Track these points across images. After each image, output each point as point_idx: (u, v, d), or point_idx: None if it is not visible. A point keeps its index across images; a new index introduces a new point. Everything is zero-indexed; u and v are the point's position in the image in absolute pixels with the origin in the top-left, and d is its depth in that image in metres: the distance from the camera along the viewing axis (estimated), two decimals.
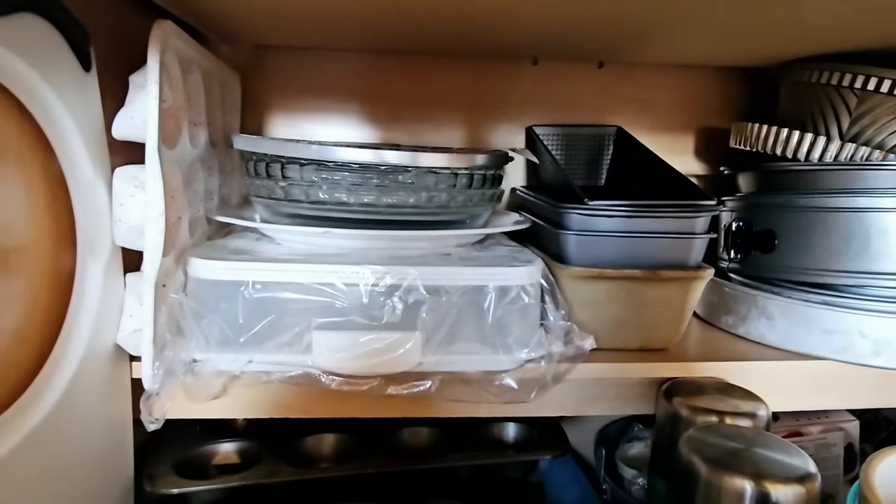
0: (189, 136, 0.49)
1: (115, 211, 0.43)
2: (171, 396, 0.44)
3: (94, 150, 0.42)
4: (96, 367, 0.43)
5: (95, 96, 0.42)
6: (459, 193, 0.51)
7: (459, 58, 0.73)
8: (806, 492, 0.40)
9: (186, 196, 0.48)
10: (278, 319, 0.44)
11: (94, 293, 0.42)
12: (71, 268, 0.41)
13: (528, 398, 0.47)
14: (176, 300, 0.43)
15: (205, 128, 0.54)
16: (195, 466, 0.52)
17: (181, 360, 0.43)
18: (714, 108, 0.77)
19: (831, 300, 0.55)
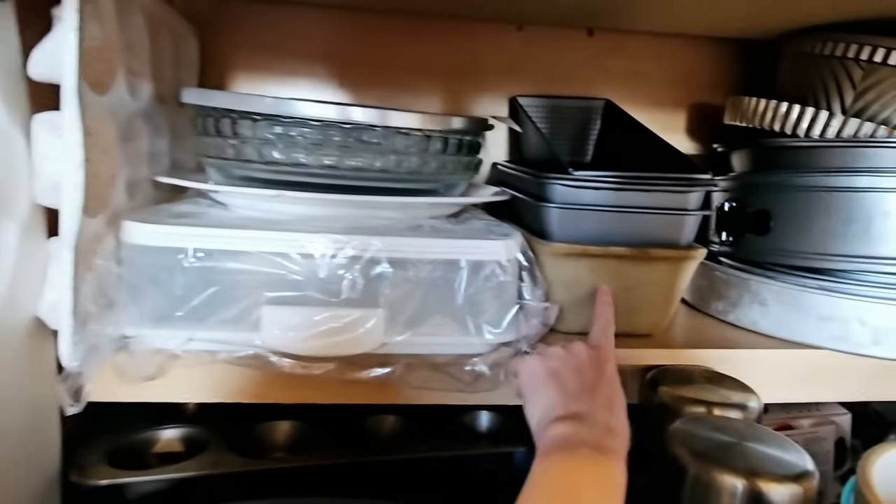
0: (128, 87, 0.44)
1: (34, 164, 0.37)
2: (98, 377, 0.38)
3: (9, 91, 0.36)
4: (12, 342, 0.37)
5: (11, 31, 0.37)
6: (432, 159, 0.46)
7: (440, 20, 0.68)
8: (803, 491, 0.37)
9: (123, 152, 0.43)
10: (223, 292, 0.39)
11: (7, 258, 0.36)
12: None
13: (500, 385, 0.43)
14: (104, 267, 0.37)
15: (149, 80, 0.48)
16: (133, 455, 0.47)
17: (108, 335, 0.37)
18: (708, 82, 0.73)
19: (829, 285, 0.52)
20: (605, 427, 0.36)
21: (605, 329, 0.44)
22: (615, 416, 0.37)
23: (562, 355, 0.41)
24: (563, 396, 0.38)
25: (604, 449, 0.34)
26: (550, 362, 0.41)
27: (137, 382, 0.40)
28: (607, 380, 0.40)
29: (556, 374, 0.40)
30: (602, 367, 0.40)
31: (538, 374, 0.40)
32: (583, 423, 0.36)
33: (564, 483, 0.32)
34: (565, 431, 0.35)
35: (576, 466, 0.33)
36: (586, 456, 0.33)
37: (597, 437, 0.35)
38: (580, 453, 0.34)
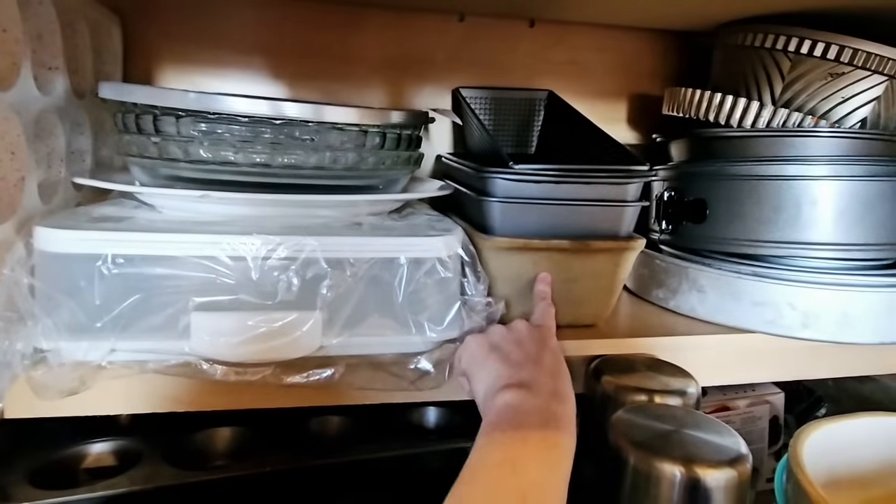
0: (35, 80, 0.40)
1: None
2: (11, 394, 0.36)
3: None
4: None
5: None
6: (370, 154, 0.45)
7: (381, 10, 0.66)
8: (737, 474, 0.38)
9: (34, 152, 0.40)
10: (146, 300, 0.37)
11: None
12: None
13: (443, 381, 0.43)
14: (11, 277, 0.35)
15: (64, 74, 0.45)
16: (59, 473, 0.44)
17: (18, 350, 0.35)
18: (648, 73, 0.74)
19: (762, 271, 0.53)
20: (551, 393, 0.36)
21: (545, 310, 0.44)
22: (562, 383, 0.37)
23: (502, 331, 0.41)
24: (507, 367, 0.38)
25: (552, 415, 0.34)
26: (491, 338, 0.40)
27: (57, 398, 0.37)
28: (551, 351, 0.40)
29: (497, 348, 0.39)
30: (545, 342, 0.40)
31: (479, 350, 0.40)
32: (529, 391, 0.35)
33: (509, 460, 0.31)
34: (512, 399, 0.34)
35: (522, 441, 0.32)
36: (534, 426, 0.33)
37: (545, 402, 0.34)
38: (528, 423, 0.33)
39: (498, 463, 0.31)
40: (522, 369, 0.37)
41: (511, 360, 0.38)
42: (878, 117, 0.56)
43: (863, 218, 0.52)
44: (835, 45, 0.54)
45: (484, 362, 0.39)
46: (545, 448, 0.32)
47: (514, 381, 0.36)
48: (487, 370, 0.38)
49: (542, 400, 0.35)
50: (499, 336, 0.41)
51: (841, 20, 0.55)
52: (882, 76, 0.54)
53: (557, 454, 0.33)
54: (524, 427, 0.33)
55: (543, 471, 0.31)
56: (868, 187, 0.52)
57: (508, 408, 0.34)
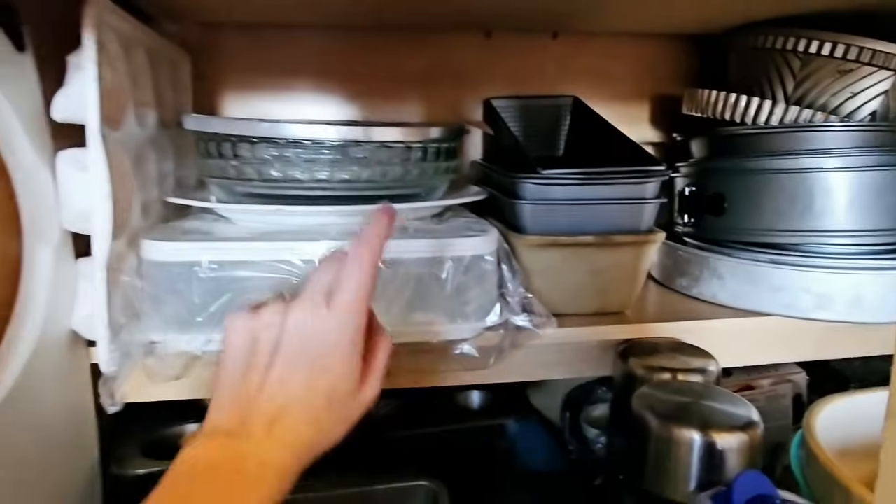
0: (136, 118, 0.48)
1: (60, 195, 0.42)
2: (130, 379, 0.44)
3: (35, 133, 0.41)
4: (52, 352, 0.42)
5: (32, 78, 0.41)
6: (414, 167, 0.51)
7: (414, 32, 0.73)
8: (749, 438, 0.42)
9: (137, 178, 0.47)
10: (235, 298, 0.44)
11: (44, 278, 0.42)
12: (17, 254, 0.40)
13: (487, 364, 0.49)
14: (128, 283, 0.42)
15: (154, 109, 0.53)
16: (163, 447, 0.52)
17: (138, 342, 0.43)
18: (668, 76, 0.78)
19: (778, 258, 0.57)
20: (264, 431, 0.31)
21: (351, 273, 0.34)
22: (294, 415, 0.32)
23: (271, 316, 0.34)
24: (226, 396, 0.33)
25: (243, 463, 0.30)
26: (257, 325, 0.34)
27: (165, 382, 0.45)
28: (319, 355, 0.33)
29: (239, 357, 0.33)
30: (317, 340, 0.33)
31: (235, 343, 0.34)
32: (226, 440, 0.31)
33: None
34: (199, 452, 0.31)
35: None
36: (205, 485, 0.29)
37: (239, 451, 0.31)
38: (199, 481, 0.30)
39: None
40: (243, 397, 0.32)
41: (242, 376, 0.33)
42: (886, 110, 0.59)
43: (874, 205, 0.56)
44: (842, 44, 0.58)
45: (221, 367, 0.34)
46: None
47: (216, 424, 0.32)
48: (217, 384, 0.34)
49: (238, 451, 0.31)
50: (264, 325, 0.34)
51: (847, 20, 0.58)
52: (889, 71, 0.58)
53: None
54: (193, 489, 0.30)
55: None
56: (878, 176, 0.56)
57: (186, 463, 0.31)
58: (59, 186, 0.42)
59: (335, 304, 0.34)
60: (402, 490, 0.49)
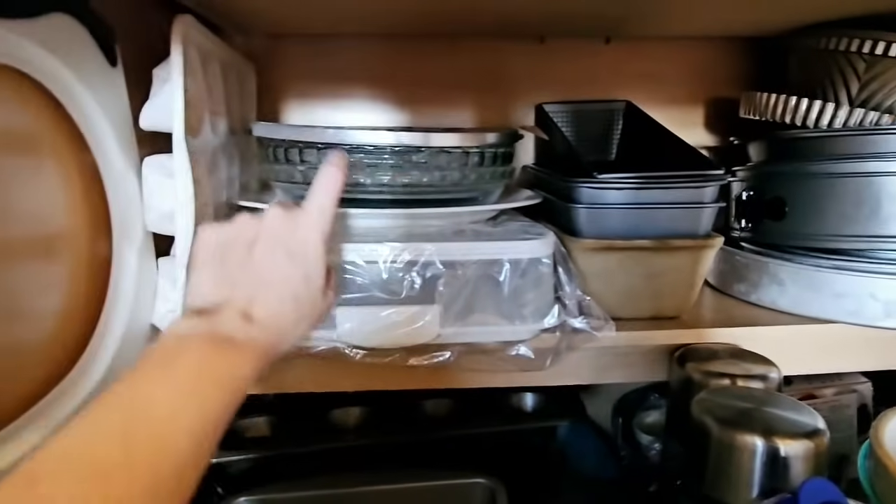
0: (210, 126, 0.51)
1: (145, 199, 0.45)
2: None
3: (124, 141, 0.44)
4: (135, 346, 0.45)
5: (122, 90, 0.45)
6: (471, 171, 0.53)
7: (468, 39, 0.74)
8: (815, 446, 0.41)
9: (210, 183, 0.50)
10: None
11: (130, 277, 0.45)
12: (107, 253, 0.44)
13: (544, 366, 0.49)
14: None
15: (224, 117, 0.56)
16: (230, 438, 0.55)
17: None
18: (722, 79, 0.77)
19: (842, 264, 0.56)
20: (241, 315, 0.32)
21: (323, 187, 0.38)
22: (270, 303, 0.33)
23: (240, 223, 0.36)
24: (207, 282, 0.34)
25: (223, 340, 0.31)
26: (224, 235, 0.36)
27: None
28: (287, 254, 0.35)
29: (216, 253, 0.35)
30: (287, 239, 0.35)
31: (204, 247, 0.36)
32: (208, 317, 0.32)
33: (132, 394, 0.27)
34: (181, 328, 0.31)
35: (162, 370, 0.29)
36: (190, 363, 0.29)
37: (219, 328, 0.31)
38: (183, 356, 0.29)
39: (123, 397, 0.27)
40: (223, 284, 0.33)
41: (220, 267, 0.34)
42: None
43: None
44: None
45: (199, 267, 0.35)
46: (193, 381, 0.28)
47: (198, 305, 0.33)
48: (195, 276, 0.35)
49: (218, 328, 0.31)
50: (234, 230, 0.36)
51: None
52: None
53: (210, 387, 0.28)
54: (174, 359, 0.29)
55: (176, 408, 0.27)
56: None
57: (171, 336, 0.31)
58: (145, 190, 0.45)
59: (306, 206, 0.37)
60: (459, 487, 0.51)
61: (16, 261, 0.35)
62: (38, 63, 0.36)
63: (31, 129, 0.37)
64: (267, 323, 0.33)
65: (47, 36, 0.36)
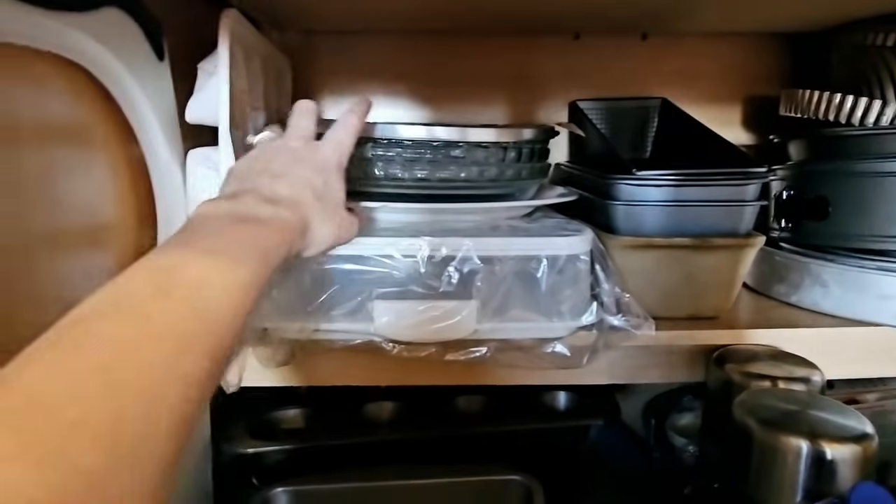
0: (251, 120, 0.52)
1: (189, 191, 0.46)
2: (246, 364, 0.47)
3: (170, 134, 0.45)
4: None
5: (168, 84, 0.45)
6: (509, 167, 0.52)
7: (502, 36, 0.74)
8: (863, 450, 0.40)
9: None
10: (342, 289, 0.47)
11: None
12: (153, 244, 0.44)
13: (580, 364, 0.49)
14: None
15: (263, 112, 0.57)
16: (266, 429, 0.56)
17: (253, 328, 0.46)
18: (761, 76, 0.76)
19: (888, 266, 0.54)
20: (265, 199, 0.33)
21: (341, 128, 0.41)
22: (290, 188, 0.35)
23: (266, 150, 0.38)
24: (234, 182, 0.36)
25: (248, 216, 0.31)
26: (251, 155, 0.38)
27: (273, 367, 0.48)
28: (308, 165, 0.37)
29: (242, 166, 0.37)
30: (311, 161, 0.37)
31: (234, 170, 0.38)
32: (234, 199, 0.33)
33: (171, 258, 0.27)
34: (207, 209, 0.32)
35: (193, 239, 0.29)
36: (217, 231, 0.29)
37: (245, 206, 0.32)
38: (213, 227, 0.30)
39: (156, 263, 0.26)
40: (248, 182, 0.35)
41: (245, 173, 0.36)
42: None
43: None
44: None
45: (228, 180, 0.37)
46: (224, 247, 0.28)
47: (225, 194, 0.34)
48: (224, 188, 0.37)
49: (243, 204, 0.32)
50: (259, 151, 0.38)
51: None
52: None
53: (242, 252, 0.28)
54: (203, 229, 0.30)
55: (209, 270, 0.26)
56: None
57: (198, 215, 0.31)
58: (189, 182, 0.46)
59: (327, 137, 0.40)
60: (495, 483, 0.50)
61: (66, 250, 0.36)
62: (92, 55, 0.37)
63: (84, 120, 0.38)
64: (287, 203, 0.34)
65: (100, 29, 0.37)
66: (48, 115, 0.35)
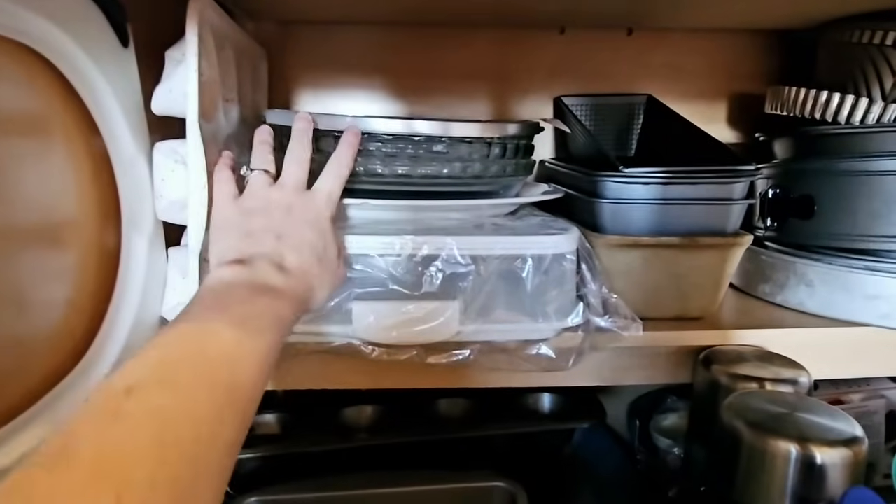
0: (223, 112, 0.49)
1: (156, 186, 0.43)
2: None
3: (135, 125, 0.42)
4: (144, 339, 0.44)
5: (134, 72, 0.43)
6: (493, 163, 0.51)
7: (485, 29, 0.72)
8: (853, 455, 0.40)
9: None
10: None
11: (139, 266, 0.43)
12: (116, 242, 0.42)
13: (566, 366, 0.47)
14: None
15: (237, 104, 0.54)
16: None
17: None
18: (747, 73, 0.75)
19: (874, 265, 0.54)
20: (276, 267, 0.35)
21: (334, 170, 0.42)
22: (297, 259, 0.36)
23: (259, 195, 0.39)
24: (240, 243, 0.36)
25: (264, 288, 0.33)
26: (245, 203, 0.39)
27: None
28: (306, 226, 0.38)
29: (242, 223, 0.37)
30: (306, 213, 0.39)
31: (226, 222, 0.38)
32: (248, 266, 0.34)
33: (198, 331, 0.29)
34: (226, 275, 0.33)
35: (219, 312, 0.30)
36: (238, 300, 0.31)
37: (260, 276, 0.34)
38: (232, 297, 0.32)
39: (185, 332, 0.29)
40: (255, 244, 0.36)
41: (249, 233, 0.37)
42: None
43: None
44: None
45: (223, 234, 0.38)
46: (247, 317, 0.30)
47: (236, 257, 0.35)
48: (223, 242, 0.37)
49: (260, 273, 0.34)
50: (250, 202, 0.39)
51: None
52: None
53: (262, 322, 0.31)
54: (225, 299, 0.32)
55: (238, 339, 0.29)
56: None
57: (218, 281, 0.33)
58: (155, 176, 0.43)
59: (318, 187, 0.41)
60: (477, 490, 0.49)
61: (22, 249, 0.34)
62: (49, 40, 0.34)
63: (39, 109, 0.36)
64: (298, 274, 0.36)
65: (59, 13, 0.34)
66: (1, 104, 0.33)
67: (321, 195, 0.41)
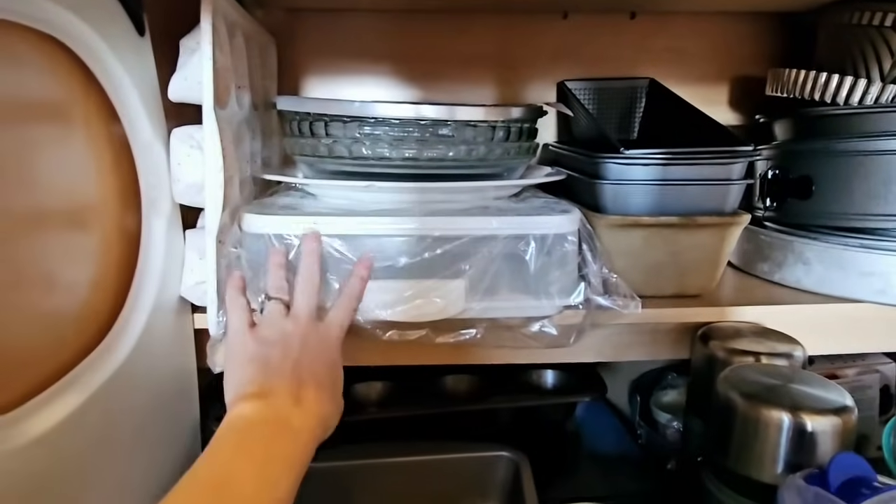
0: (236, 98, 0.51)
1: (173, 170, 0.45)
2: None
3: (152, 112, 0.44)
4: (164, 317, 0.46)
5: (150, 60, 0.44)
6: (497, 146, 0.52)
7: (489, 15, 0.73)
8: (842, 423, 0.41)
9: (236, 156, 0.50)
10: (327, 269, 0.46)
11: (159, 248, 0.45)
12: (137, 224, 0.44)
13: (568, 342, 0.49)
14: (234, 253, 0.45)
15: (248, 91, 0.56)
16: None
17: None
18: (749, 56, 0.76)
19: (870, 243, 0.55)
20: (293, 400, 0.36)
21: (342, 304, 0.44)
22: (313, 392, 0.37)
23: (273, 327, 0.41)
24: (258, 372, 0.38)
25: (284, 427, 0.35)
26: (258, 333, 0.40)
27: None
28: (320, 354, 0.40)
29: (260, 355, 0.39)
30: (320, 345, 0.40)
31: (241, 349, 0.40)
32: (266, 401, 0.36)
33: (223, 475, 0.31)
34: (245, 411, 0.35)
35: (243, 455, 0.33)
36: (259, 439, 0.34)
37: (281, 414, 0.35)
38: (253, 436, 0.34)
39: (210, 477, 0.31)
40: (273, 376, 0.37)
41: (266, 364, 0.38)
42: None
43: None
44: None
45: (241, 364, 0.39)
46: (268, 462, 0.33)
47: (255, 391, 0.36)
48: (241, 372, 0.38)
49: (278, 411, 0.35)
50: (267, 332, 0.40)
51: None
52: None
53: (280, 467, 0.33)
54: (248, 441, 0.34)
55: (259, 486, 0.31)
56: None
57: (240, 418, 0.35)
58: (172, 161, 0.45)
59: (331, 321, 0.43)
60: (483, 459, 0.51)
61: (47, 231, 0.36)
62: (70, 29, 0.36)
63: (62, 97, 0.37)
64: (314, 409, 0.37)
65: (78, 2, 0.36)
66: (25, 92, 0.34)
67: (334, 329, 0.43)
